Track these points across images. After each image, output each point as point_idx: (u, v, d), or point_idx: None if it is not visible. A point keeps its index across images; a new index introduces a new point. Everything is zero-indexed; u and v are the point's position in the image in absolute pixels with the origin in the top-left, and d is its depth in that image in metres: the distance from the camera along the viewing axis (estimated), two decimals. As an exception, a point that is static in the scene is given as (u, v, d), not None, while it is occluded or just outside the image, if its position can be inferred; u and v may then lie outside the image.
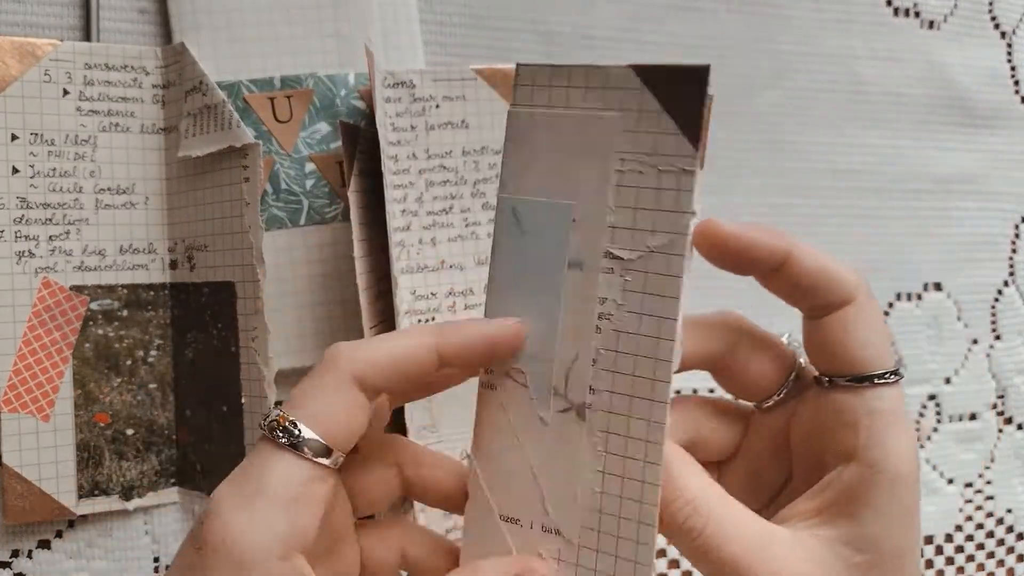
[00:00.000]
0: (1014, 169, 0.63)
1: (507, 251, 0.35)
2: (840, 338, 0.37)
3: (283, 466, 0.33)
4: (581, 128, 0.34)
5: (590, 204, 0.34)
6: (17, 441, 0.46)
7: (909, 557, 0.37)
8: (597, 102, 0.34)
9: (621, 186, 0.33)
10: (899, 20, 0.60)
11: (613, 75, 0.33)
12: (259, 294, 0.46)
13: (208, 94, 0.47)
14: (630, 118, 0.33)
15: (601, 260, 0.34)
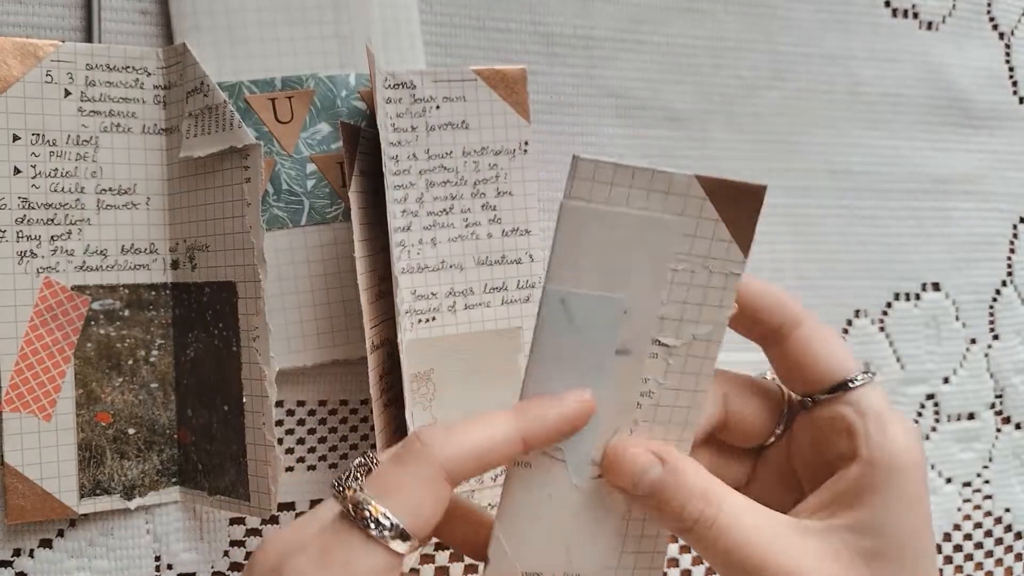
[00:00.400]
0: (1012, 169, 0.63)
1: (553, 338, 0.37)
2: (804, 358, 0.40)
3: (371, 558, 0.33)
4: (640, 227, 0.36)
5: (642, 297, 0.37)
6: (19, 440, 0.47)
7: (918, 542, 0.38)
8: (659, 205, 0.36)
9: (675, 283, 0.37)
10: (898, 21, 0.60)
11: (676, 182, 0.36)
12: (260, 294, 0.47)
13: (209, 95, 0.47)
14: (690, 223, 0.36)
15: (649, 347, 0.37)
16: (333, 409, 0.52)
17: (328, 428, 0.52)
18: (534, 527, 0.38)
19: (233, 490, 0.48)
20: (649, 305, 0.37)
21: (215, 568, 0.51)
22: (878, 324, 0.60)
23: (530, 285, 0.53)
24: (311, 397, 0.52)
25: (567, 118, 0.55)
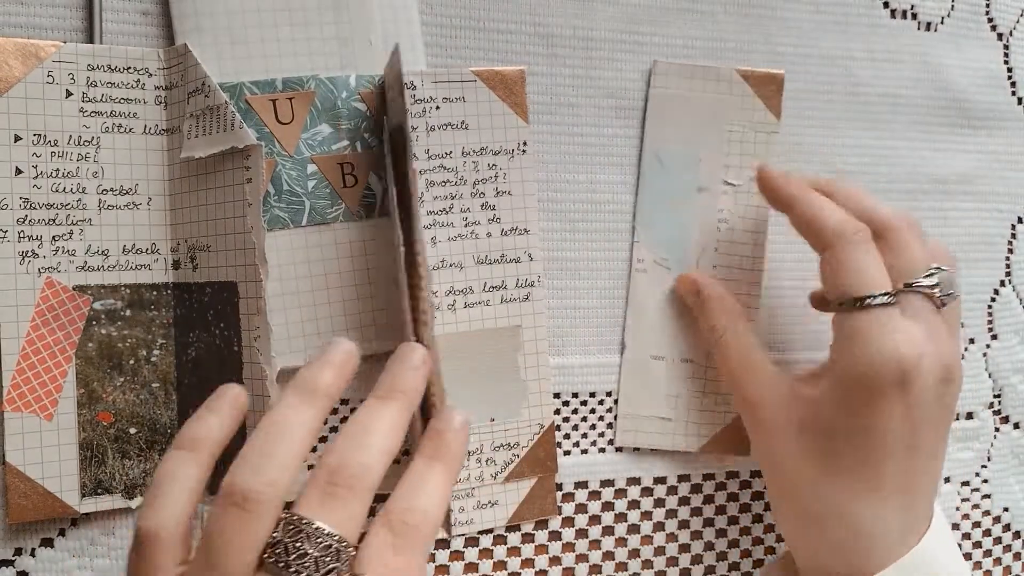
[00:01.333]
0: (1011, 170, 0.63)
1: (651, 181, 0.56)
2: (825, 273, 0.49)
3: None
4: (702, 103, 0.56)
5: (711, 151, 0.56)
6: (20, 440, 0.47)
7: (860, 441, 0.48)
8: (713, 88, 0.56)
9: (731, 140, 0.56)
10: (896, 22, 0.60)
11: (723, 72, 0.56)
12: (261, 294, 0.47)
13: (210, 95, 0.47)
14: (736, 100, 0.56)
15: (720, 186, 0.56)
16: (334, 408, 0.52)
17: (329, 428, 0.52)
18: (651, 319, 0.56)
19: (234, 489, 0.48)
20: (716, 156, 0.56)
21: (216, 567, 0.51)
22: (877, 324, 0.60)
23: (529, 284, 0.54)
24: (311, 397, 0.52)
25: (567, 118, 0.55)
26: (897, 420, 0.46)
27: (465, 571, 0.54)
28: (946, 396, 0.48)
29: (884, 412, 0.46)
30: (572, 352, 0.56)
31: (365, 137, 0.51)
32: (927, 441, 0.48)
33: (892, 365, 0.46)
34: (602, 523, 0.57)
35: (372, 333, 0.51)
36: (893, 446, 0.47)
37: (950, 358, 0.48)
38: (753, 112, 0.56)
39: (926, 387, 0.47)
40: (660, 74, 0.56)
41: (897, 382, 0.46)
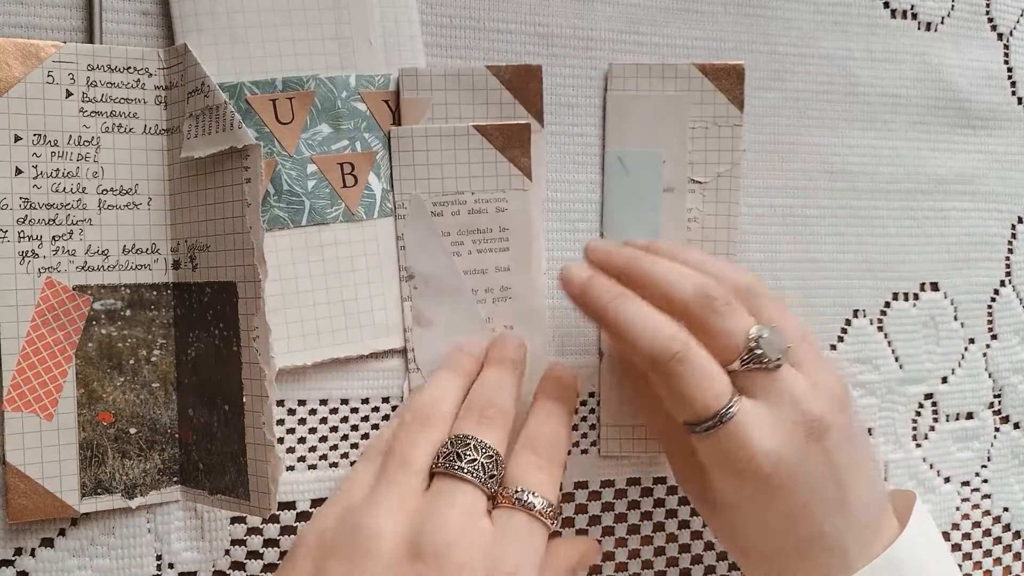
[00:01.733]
0: (1010, 170, 0.63)
1: (615, 186, 0.55)
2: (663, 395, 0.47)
3: None
4: (662, 104, 0.55)
5: (674, 150, 0.55)
6: (20, 440, 0.47)
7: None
8: (672, 85, 0.55)
9: (695, 137, 0.55)
10: (896, 22, 0.60)
11: (680, 69, 0.55)
12: (260, 294, 0.47)
13: (210, 95, 0.47)
14: (695, 96, 0.55)
15: (687, 184, 0.55)
16: (334, 408, 0.52)
17: (329, 427, 0.52)
18: None
19: (233, 489, 0.48)
20: (680, 154, 0.55)
21: (216, 567, 0.51)
22: (876, 324, 0.60)
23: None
24: (312, 396, 0.52)
25: (567, 118, 0.55)
26: (785, 500, 0.46)
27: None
28: (826, 442, 0.46)
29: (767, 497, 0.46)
30: (573, 352, 0.56)
31: (365, 137, 0.51)
32: (838, 487, 0.46)
33: (762, 461, 0.45)
34: (602, 523, 0.57)
35: (372, 333, 0.51)
36: (811, 509, 0.46)
37: (811, 411, 0.46)
38: (715, 106, 0.55)
39: (800, 458, 0.45)
40: (616, 77, 0.55)
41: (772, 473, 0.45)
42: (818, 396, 0.46)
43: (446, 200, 0.52)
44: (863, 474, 0.48)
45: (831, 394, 0.47)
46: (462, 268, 0.52)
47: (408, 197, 0.52)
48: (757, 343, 0.45)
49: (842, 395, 0.47)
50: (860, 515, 0.47)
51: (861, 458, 0.48)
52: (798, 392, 0.46)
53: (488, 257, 0.53)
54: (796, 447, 0.45)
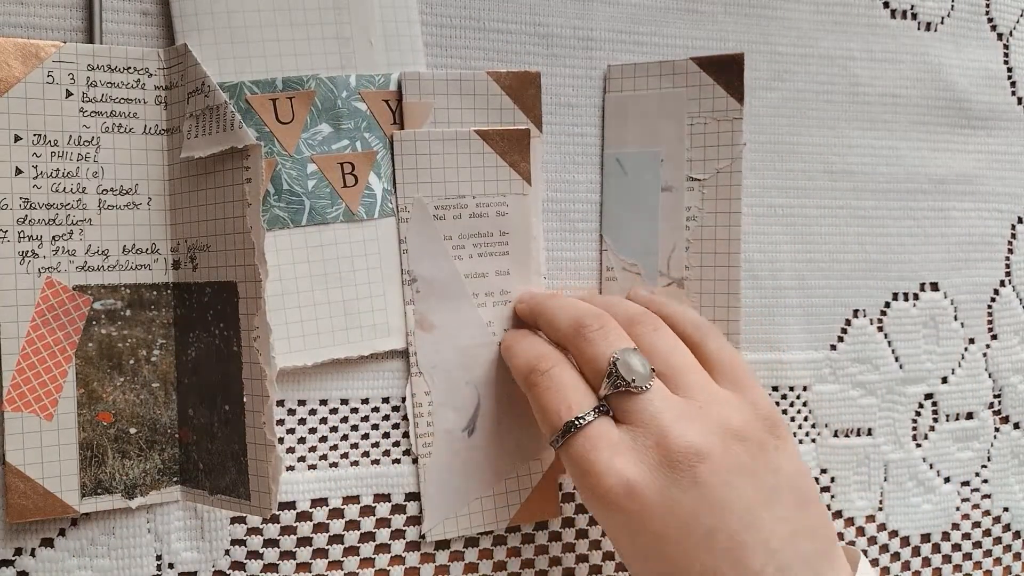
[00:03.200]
0: (1010, 170, 0.63)
1: (614, 187, 0.55)
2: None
3: None
4: (660, 101, 0.54)
5: (672, 148, 0.54)
6: (20, 440, 0.47)
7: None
8: (669, 82, 0.54)
9: (693, 134, 0.54)
10: (896, 22, 0.60)
11: (678, 65, 0.54)
12: (261, 294, 0.47)
13: (210, 95, 0.47)
14: (693, 91, 0.54)
15: (685, 183, 0.54)
16: (334, 408, 0.52)
17: (329, 427, 0.52)
18: None
19: (234, 489, 0.48)
20: (678, 152, 0.54)
21: (216, 567, 0.51)
22: (876, 324, 0.60)
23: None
24: (312, 396, 0.52)
25: (567, 118, 0.55)
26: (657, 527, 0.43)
27: (465, 571, 0.54)
28: (698, 472, 0.43)
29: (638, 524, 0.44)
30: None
31: (365, 137, 0.51)
32: (720, 526, 0.43)
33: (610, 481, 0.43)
34: (602, 523, 0.57)
35: (372, 333, 0.51)
36: (682, 547, 0.43)
37: (676, 437, 0.44)
38: (713, 100, 0.54)
39: (661, 486, 0.43)
40: (614, 78, 0.55)
41: (625, 497, 0.43)
42: (695, 422, 0.44)
43: (448, 204, 0.52)
44: (777, 518, 0.44)
45: (722, 424, 0.44)
46: (463, 272, 0.52)
47: (411, 200, 0.52)
48: (614, 366, 0.45)
49: (745, 426, 0.45)
50: (772, 567, 0.43)
51: (778, 502, 0.44)
52: (666, 416, 0.44)
53: (488, 261, 0.53)
54: (654, 474, 0.43)
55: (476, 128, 0.52)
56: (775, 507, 0.44)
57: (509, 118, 0.53)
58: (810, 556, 0.44)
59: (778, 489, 0.45)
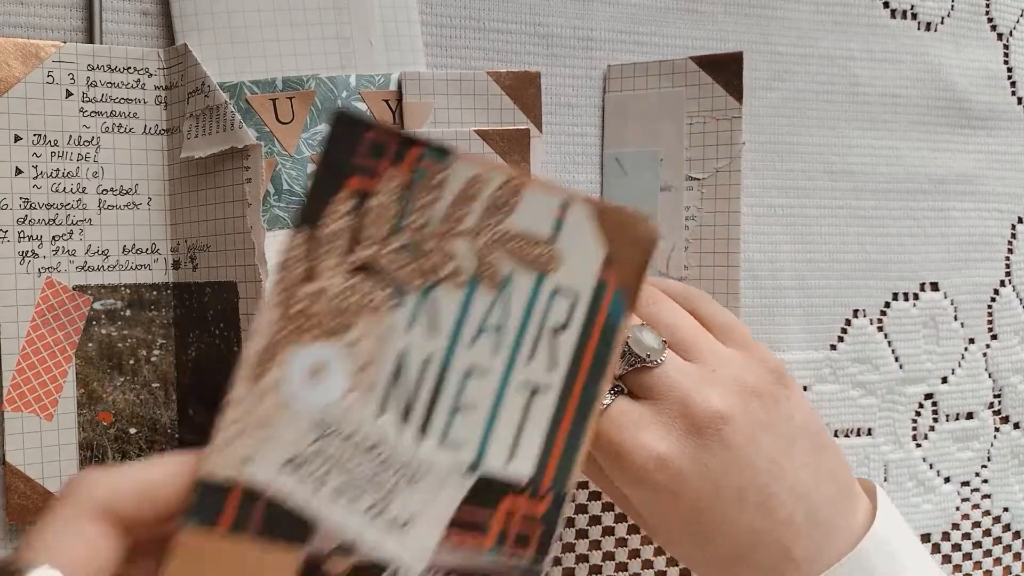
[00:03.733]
0: (1010, 170, 0.63)
1: (614, 187, 0.55)
2: None
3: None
4: (659, 101, 0.54)
5: (671, 147, 0.54)
6: (20, 440, 0.47)
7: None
8: (669, 82, 0.54)
9: (692, 133, 0.54)
10: (896, 22, 0.60)
11: (677, 64, 0.54)
12: (261, 294, 0.47)
13: (210, 95, 0.47)
14: (692, 90, 0.54)
15: (684, 182, 0.54)
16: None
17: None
18: None
19: (234, 489, 0.48)
20: (677, 151, 0.54)
21: (216, 567, 0.51)
22: (876, 324, 0.60)
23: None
24: (311, 397, 0.52)
25: (567, 118, 0.55)
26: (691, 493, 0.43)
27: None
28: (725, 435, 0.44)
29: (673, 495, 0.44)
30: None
31: (365, 137, 0.51)
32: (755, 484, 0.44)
33: (638, 456, 0.43)
34: (602, 523, 0.57)
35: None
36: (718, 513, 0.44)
37: (698, 403, 0.44)
38: (712, 99, 0.54)
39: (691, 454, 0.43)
40: (614, 78, 0.55)
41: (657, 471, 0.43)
42: (714, 387, 0.44)
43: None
44: (799, 466, 0.45)
45: (737, 384, 0.45)
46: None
47: None
48: (627, 344, 0.45)
49: (758, 382, 0.46)
50: (801, 513, 0.44)
51: (797, 449, 0.45)
52: (683, 384, 0.44)
53: None
54: (682, 443, 0.43)
55: (476, 128, 0.52)
56: (795, 455, 0.45)
57: (509, 118, 0.53)
58: (833, 496, 0.45)
59: (795, 437, 0.46)
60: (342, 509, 0.30)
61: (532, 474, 0.31)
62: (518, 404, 0.31)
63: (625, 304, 0.32)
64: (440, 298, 0.31)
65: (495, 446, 0.31)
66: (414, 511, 0.31)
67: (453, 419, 0.31)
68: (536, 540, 0.31)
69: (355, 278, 0.30)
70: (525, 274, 0.31)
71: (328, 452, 0.30)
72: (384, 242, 0.31)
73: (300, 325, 0.30)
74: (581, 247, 0.31)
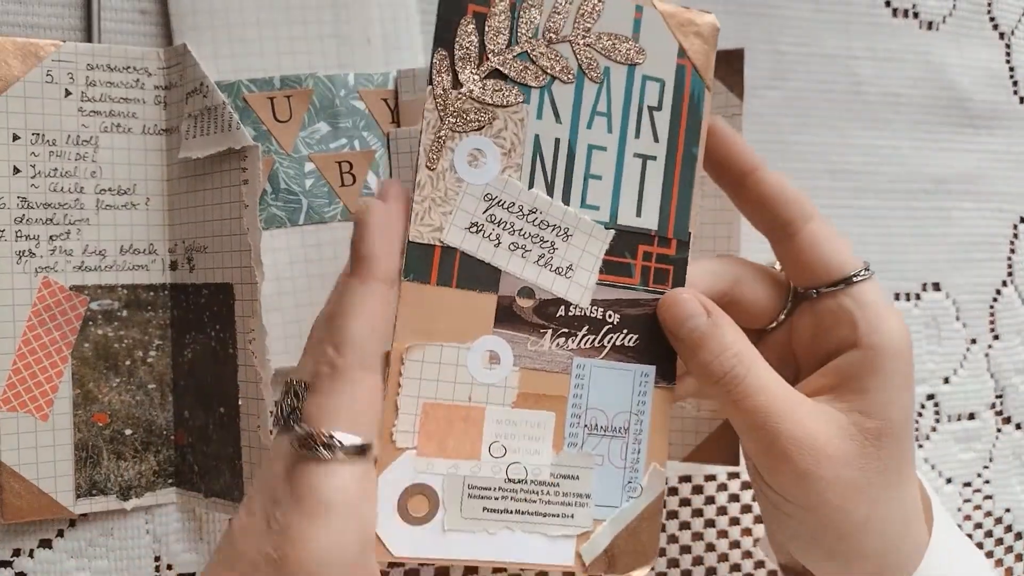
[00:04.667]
0: (1012, 169, 0.63)
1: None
2: (813, 252, 0.43)
3: (335, 479, 0.35)
4: None
5: None
6: (15, 440, 0.47)
7: (910, 424, 0.42)
8: None
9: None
10: (898, 21, 0.60)
11: None
12: (257, 296, 0.47)
13: (209, 96, 0.47)
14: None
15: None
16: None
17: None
18: None
19: (228, 493, 0.48)
20: None
21: (214, 568, 0.51)
22: (878, 324, 0.60)
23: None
24: (310, 397, 0.52)
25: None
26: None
27: (465, 572, 0.54)
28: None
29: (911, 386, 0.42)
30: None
31: (364, 136, 0.51)
32: None
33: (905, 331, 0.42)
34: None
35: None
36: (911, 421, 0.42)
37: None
38: (713, 96, 0.48)
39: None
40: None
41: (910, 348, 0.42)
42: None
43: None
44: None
45: None
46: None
47: None
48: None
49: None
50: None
51: None
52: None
53: None
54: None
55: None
56: None
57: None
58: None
59: None
60: (518, 261, 0.39)
61: (657, 224, 0.41)
62: (635, 171, 0.40)
63: (704, 80, 0.41)
64: (557, 92, 0.39)
65: (624, 205, 0.40)
66: (573, 260, 0.40)
67: (587, 186, 0.40)
68: (671, 277, 0.41)
69: (490, 82, 0.38)
70: (619, 67, 0.40)
71: (498, 217, 0.39)
72: (505, 52, 0.38)
73: (456, 120, 0.38)
74: (659, 41, 0.40)
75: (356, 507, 0.35)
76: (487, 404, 0.39)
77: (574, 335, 0.40)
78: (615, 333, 0.40)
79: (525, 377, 0.39)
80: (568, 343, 0.40)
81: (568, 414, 0.40)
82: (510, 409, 0.39)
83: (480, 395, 0.39)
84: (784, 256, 0.44)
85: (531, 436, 0.39)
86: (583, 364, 0.40)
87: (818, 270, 0.43)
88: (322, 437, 0.35)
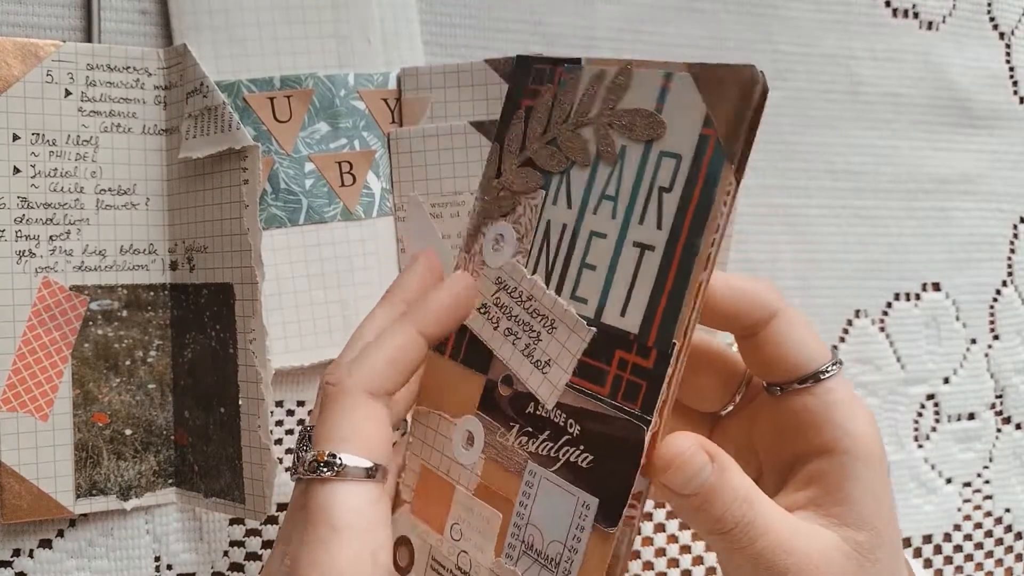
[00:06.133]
0: (1012, 169, 0.63)
1: None
2: (777, 350, 0.39)
3: (341, 497, 0.35)
4: None
5: None
6: (15, 440, 0.47)
7: (895, 526, 0.39)
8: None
9: None
10: (898, 21, 0.60)
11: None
12: (257, 296, 0.47)
13: (209, 96, 0.47)
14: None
15: None
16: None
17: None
18: None
19: (228, 492, 0.48)
20: None
21: (215, 568, 0.51)
22: (878, 324, 0.60)
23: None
24: (311, 397, 0.52)
25: (567, 118, 0.55)
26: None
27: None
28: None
29: (888, 486, 0.39)
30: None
31: (364, 136, 0.51)
32: None
33: (875, 430, 0.39)
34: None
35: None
36: (895, 522, 0.40)
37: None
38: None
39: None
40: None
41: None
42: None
43: (445, 201, 0.52)
44: None
45: None
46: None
47: (407, 199, 0.51)
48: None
49: None
50: None
51: None
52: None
53: None
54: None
55: (472, 120, 0.52)
56: None
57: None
58: None
59: None
60: (508, 347, 0.38)
61: (639, 328, 0.34)
62: (631, 262, 0.35)
63: (726, 153, 0.33)
64: (573, 176, 0.37)
65: (612, 301, 0.35)
66: (552, 355, 0.37)
67: (580, 276, 0.36)
68: (642, 395, 0.34)
69: (521, 170, 0.38)
70: (636, 144, 0.35)
71: (502, 301, 0.38)
72: (539, 140, 0.38)
73: (490, 208, 0.39)
74: (684, 109, 0.34)
75: (367, 531, 0.35)
76: (457, 484, 0.38)
77: (535, 437, 0.36)
78: (572, 447, 0.35)
79: (487, 468, 0.37)
80: (529, 444, 0.36)
81: (512, 522, 0.36)
82: (471, 495, 0.38)
83: (456, 473, 0.38)
84: (746, 353, 0.40)
85: (480, 530, 0.37)
86: (535, 472, 0.36)
87: (784, 367, 0.39)
88: (323, 458, 0.35)
